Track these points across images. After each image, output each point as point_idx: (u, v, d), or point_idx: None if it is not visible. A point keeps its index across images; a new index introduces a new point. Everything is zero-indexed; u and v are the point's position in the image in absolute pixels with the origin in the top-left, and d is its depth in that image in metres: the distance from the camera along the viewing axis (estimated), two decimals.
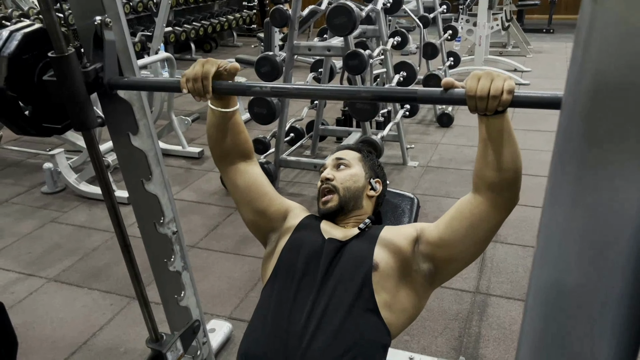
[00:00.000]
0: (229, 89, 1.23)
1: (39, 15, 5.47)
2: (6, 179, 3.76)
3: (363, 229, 1.32)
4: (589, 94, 0.47)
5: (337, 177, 1.40)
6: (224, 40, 8.70)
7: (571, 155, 0.48)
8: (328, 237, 1.31)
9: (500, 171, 1.10)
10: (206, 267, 2.64)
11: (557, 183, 0.51)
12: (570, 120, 0.49)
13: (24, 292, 2.48)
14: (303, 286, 1.23)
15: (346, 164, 1.44)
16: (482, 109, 1.02)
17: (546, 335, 0.52)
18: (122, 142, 1.49)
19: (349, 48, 2.90)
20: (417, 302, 1.27)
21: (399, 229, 1.34)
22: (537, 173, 3.41)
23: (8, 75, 1.28)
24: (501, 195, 1.13)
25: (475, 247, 1.21)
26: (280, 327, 1.18)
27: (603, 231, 0.48)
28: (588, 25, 0.48)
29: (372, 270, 1.22)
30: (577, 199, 0.49)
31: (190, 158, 4.05)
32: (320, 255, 1.26)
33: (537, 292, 0.53)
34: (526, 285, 2.03)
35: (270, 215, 1.40)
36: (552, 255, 0.52)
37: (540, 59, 6.80)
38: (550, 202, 0.52)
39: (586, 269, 0.49)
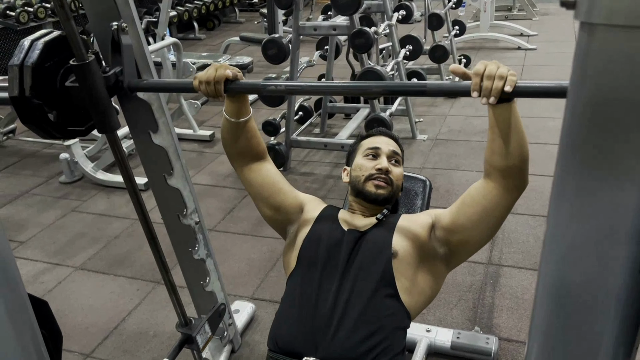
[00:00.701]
0: (244, 88, 1.28)
1: (41, 3, 5.47)
2: (24, 170, 3.85)
3: (381, 219, 1.38)
4: (589, 107, 0.53)
5: (393, 172, 1.43)
6: (227, 17, 8.65)
7: (575, 160, 0.54)
8: (348, 229, 1.37)
9: (509, 158, 1.15)
10: (226, 250, 2.73)
11: (562, 186, 0.56)
12: (572, 129, 0.54)
13: (53, 281, 2.59)
14: (326, 275, 1.30)
15: (399, 161, 1.48)
16: (487, 89, 1.03)
17: (555, 328, 0.58)
18: (143, 140, 1.55)
19: (354, 27, 2.91)
20: (434, 285, 1.34)
21: (415, 217, 1.40)
22: (546, 141, 3.45)
23: (33, 84, 1.34)
24: (511, 180, 1.18)
25: (489, 230, 1.28)
26: (308, 313, 1.26)
27: (606, 230, 0.54)
28: (584, 52, 0.53)
29: (392, 258, 1.29)
30: (581, 201, 0.54)
31: (202, 141, 4.11)
32: (340, 245, 1.33)
33: (545, 288, 0.60)
34: (537, 255, 2.12)
35: (286, 209, 1.46)
36: (558, 253, 0.58)
37: (547, 22, 6.72)
38: (556, 204, 0.58)
39: (590, 266, 0.55)
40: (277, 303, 2.33)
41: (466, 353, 1.92)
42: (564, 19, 6.76)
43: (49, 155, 4.06)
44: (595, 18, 0.48)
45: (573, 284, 0.56)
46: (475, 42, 6.07)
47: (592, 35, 0.50)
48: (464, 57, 5.14)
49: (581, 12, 0.50)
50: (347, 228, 1.38)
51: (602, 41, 0.50)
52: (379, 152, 1.45)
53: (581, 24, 0.51)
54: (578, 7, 0.50)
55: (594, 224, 0.55)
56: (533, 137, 3.36)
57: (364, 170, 1.43)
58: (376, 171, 1.41)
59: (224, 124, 1.39)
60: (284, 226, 1.49)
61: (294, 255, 1.40)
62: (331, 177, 3.45)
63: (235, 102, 1.34)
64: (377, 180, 1.40)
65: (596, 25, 0.49)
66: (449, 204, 3.06)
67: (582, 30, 0.51)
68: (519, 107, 1.14)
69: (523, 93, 1.06)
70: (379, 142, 1.48)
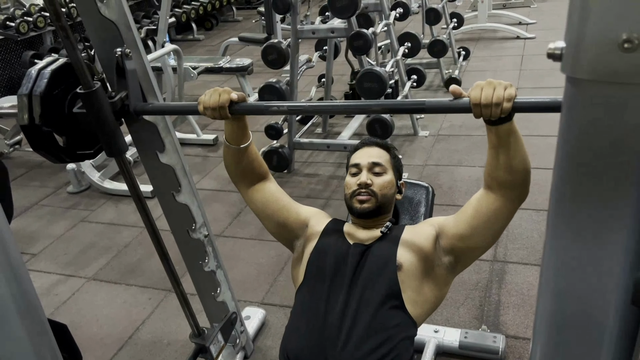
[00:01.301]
0: (247, 110, 1.31)
1: (40, 12, 5.49)
2: (33, 181, 3.90)
3: (385, 232, 1.42)
4: (576, 153, 0.56)
5: (375, 183, 1.45)
6: (224, 16, 8.65)
7: (566, 202, 0.57)
8: (353, 242, 1.42)
9: (511, 172, 1.18)
10: (234, 255, 2.78)
11: (556, 221, 0.59)
12: (562, 172, 0.57)
13: (66, 293, 2.64)
14: (334, 288, 1.34)
15: (382, 169, 1.48)
16: (486, 116, 1.09)
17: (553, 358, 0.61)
18: (151, 160, 1.58)
19: (352, 29, 2.93)
20: (439, 293, 1.38)
21: (418, 229, 1.44)
22: (547, 133, 3.46)
23: (42, 112, 1.37)
24: (514, 192, 1.22)
25: (493, 237, 1.33)
26: (317, 325, 1.30)
27: (598, 266, 0.57)
28: (570, 102, 0.56)
29: (397, 270, 1.33)
30: (573, 241, 0.58)
31: (206, 145, 4.15)
32: (347, 258, 1.37)
33: (543, 320, 0.63)
34: (541, 250, 2.14)
35: (291, 225, 1.51)
36: (555, 286, 0.61)
37: (546, 9, 6.69)
38: (550, 243, 0.61)
39: (584, 298, 0.59)
40: (287, 307, 2.38)
41: (474, 352, 1.96)
42: (562, 5, 6.71)
43: (56, 165, 4.10)
44: (579, 73, 0.52)
45: (569, 316, 0.59)
46: (474, 33, 6.06)
47: (576, 88, 0.53)
48: (463, 50, 5.15)
49: (566, 67, 0.53)
50: (353, 242, 1.42)
51: (585, 94, 0.53)
52: (359, 167, 1.48)
53: (567, 77, 0.54)
54: (563, 62, 0.53)
55: (587, 259, 0.58)
56: (534, 129, 3.37)
57: (349, 187, 1.48)
58: (357, 186, 1.45)
59: (226, 150, 1.45)
60: (290, 240, 1.54)
61: (301, 269, 1.44)
62: (335, 178, 3.48)
63: (235, 130, 1.38)
64: (360, 196, 1.44)
65: (580, 80, 0.52)
66: (452, 201, 3.10)
67: (568, 83, 0.54)
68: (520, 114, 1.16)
69: (519, 109, 1.10)
70: (360, 156, 1.51)
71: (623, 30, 0.47)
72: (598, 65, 0.50)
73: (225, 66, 4.58)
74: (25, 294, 1.05)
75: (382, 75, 2.87)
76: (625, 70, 0.48)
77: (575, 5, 0.50)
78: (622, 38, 0.47)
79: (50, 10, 1.22)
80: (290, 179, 3.52)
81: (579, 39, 0.51)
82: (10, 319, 0.99)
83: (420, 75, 4.00)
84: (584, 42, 0.50)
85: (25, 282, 1.05)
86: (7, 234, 0.99)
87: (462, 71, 4.95)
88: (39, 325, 1.09)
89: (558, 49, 0.54)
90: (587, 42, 0.50)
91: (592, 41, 0.49)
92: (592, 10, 0.49)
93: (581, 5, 0.50)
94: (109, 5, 1.36)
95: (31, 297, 1.07)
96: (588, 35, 0.50)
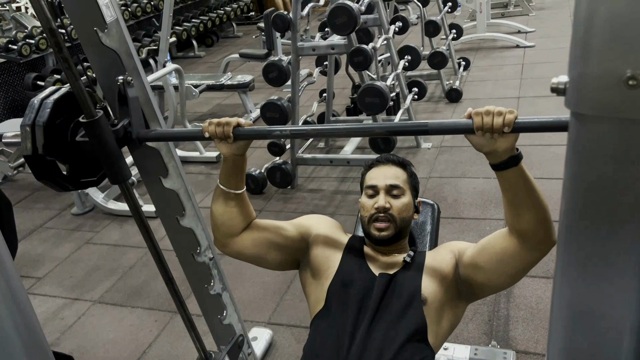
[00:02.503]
0: (250, 134, 1.31)
1: (42, 34, 5.54)
2: (37, 203, 3.91)
3: (408, 261, 1.38)
4: (582, 188, 0.55)
5: (394, 207, 1.39)
6: (224, 32, 8.71)
7: (575, 237, 0.56)
8: (379, 273, 1.37)
9: (522, 220, 1.14)
10: (239, 275, 2.76)
11: (566, 261, 0.59)
12: (570, 206, 0.57)
13: (72, 316, 2.64)
14: (358, 322, 1.30)
15: (400, 192, 1.41)
16: (488, 126, 1.06)
17: None
18: (154, 185, 1.58)
19: (352, 45, 2.94)
20: (455, 321, 1.37)
21: (440, 257, 1.39)
22: (550, 142, 3.46)
23: (45, 142, 1.38)
24: (528, 241, 1.16)
25: (506, 279, 1.28)
26: (339, 358, 1.26)
27: (611, 301, 0.56)
28: (575, 136, 0.56)
29: (422, 305, 1.29)
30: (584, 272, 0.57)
31: (209, 163, 4.16)
32: (371, 289, 1.33)
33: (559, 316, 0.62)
34: (548, 262, 2.11)
35: (294, 244, 1.47)
36: (564, 325, 0.60)
37: (544, 17, 6.71)
38: (561, 280, 0.60)
39: (597, 335, 0.58)
40: (294, 327, 2.36)
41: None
42: (561, 12, 6.76)
43: None
44: (582, 109, 0.51)
45: (582, 352, 0.58)
46: (473, 43, 6.08)
47: (580, 123, 0.53)
48: (463, 60, 5.16)
49: (570, 102, 0.52)
50: (378, 272, 1.37)
51: (590, 128, 0.52)
52: (376, 189, 1.42)
53: (571, 112, 0.53)
54: (567, 96, 0.53)
55: (599, 296, 0.57)
56: (538, 139, 3.37)
57: (366, 210, 1.42)
58: (375, 210, 1.39)
59: (219, 198, 1.41)
60: (295, 260, 1.51)
61: (320, 295, 1.39)
62: (338, 193, 3.48)
63: (235, 167, 1.37)
64: (378, 222, 1.38)
65: (584, 115, 0.51)
66: (457, 214, 3.08)
67: (573, 117, 0.54)
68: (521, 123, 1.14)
69: (523, 128, 1.09)
70: (376, 176, 1.44)
71: (627, 67, 0.47)
72: (602, 101, 0.50)
73: (226, 83, 4.61)
74: (30, 329, 1.04)
75: (383, 89, 2.88)
76: (630, 106, 0.48)
77: (578, 40, 0.50)
78: (627, 75, 0.47)
79: (51, 42, 1.23)
80: (294, 195, 3.51)
81: (582, 75, 0.51)
82: (16, 355, 0.99)
83: (421, 88, 4.01)
84: (588, 78, 0.50)
85: (30, 316, 1.05)
86: (12, 270, 0.99)
87: (463, 82, 4.96)
88: None
89: (562, 83, 0.53)
90: (590, 78, 0.50)
91: (595, 77, 0.49)
92: (595, 47, 0.49)
93: (584, 41, 0.49)
94: (110, 34, 1.36)
95: (36, 332, 1.07)
96: (591, 71, 0.50)
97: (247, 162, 1.42)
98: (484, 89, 4.82)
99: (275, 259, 1.49)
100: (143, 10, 6.74)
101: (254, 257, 1.49)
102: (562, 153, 0.57)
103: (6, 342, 0.93)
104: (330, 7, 2.80)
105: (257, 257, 1.49)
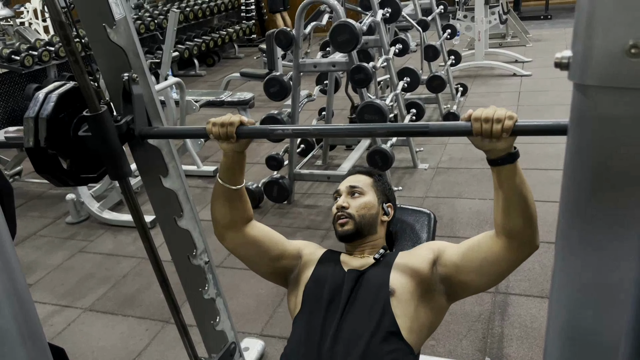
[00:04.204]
0: (253, 133, 1.32)
1: (45, 47, 5.59)
2: (31, 212, 3.89)
3: (378, 258, 1.42)
4: (587, 163, 0.56)
5: (352, 205, 1.48)
6: (226, 53, 8.81)
7: (577, 214, 0.57)
8: (348, 269, 1.41)
9: (512, 217, 1.17)
10: (233, 286, 2.74)
11: (566, 239, 0.59)
12: (573, 183, 0.57)
13: (62, 323, 2.60)
14: (329, 316, 1.32)
15: (360, 192, 1.51)
16: (487, 132, 1.09)
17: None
18: (154, 184, 1.59)
19: (353, 63, 2.98)
20: (434, 319, 1.37)
21: (415, 252, 1.43)
22: (547, 167, 3.49)
23: (47, 136, 1.38)
24: (514, 239, 1.20)
25: (488, 280, 1.31)
26: (312, 354, 1.27)
27: (611, 281, 0.57)
28: (579, 110, 0.57)
29: (390, 296, 1.31)
30: (585, 254, 0.57)
31: (206, 177, 4.16)
32: (342, 286, 1.36)
33: (554, 336, 0.62)
34: (543, 282, 2.15)
35: (288, 257, 1.51)
36: (565, 301, 0.61)
37: (541, 48, 6.84)
38: (561, 256, 0.61)
39: (597, 315, 0.58)
40: (286, 339, 2.33)
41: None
42: (557, 44, 6.89)
43: (55, 196, 4.10)
44: (587, 80, 0.53)
45: (581, 332, 0.59)
46: (471, 70, 6.17)
47: (585, 95, 0.54)
48: (461, 86, 5.23)
49: (574, 74, 0.54)
50: (347, 269, 1.41)
51: (594, 101, 0.54)
52: (339, 192, 1.54)
53: (575, 84, 0.55)
54: (571, 69, 0.54)
55: (600, 275, 0.58)
56: (534, 163, 3.40)
57: (332, 213, 1.53)
58: (336, 210, 1.50)
59: (219, 192, 1.44)
60: (285, 275, 1.52)
61: (298, 298, 1.42)
62: None
63: (234, 164, 1.38)
64: (339, 220, 1.48)
65: (588, 87, 0.53)
66: (453, 233, 3.09)
67: (576, 90, 0.55)
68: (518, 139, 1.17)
69: (523, 132, 1.11)
70: (341, 184, 1.57)
71: (630, 36, 0.49)
72: (605, 71, 0.51)
73: (226, 100, 4.64)
74: (28, 318, 1.03)
75: (383, 107, 2.91)
76: (633, 75, 0.49)
77: (582, 13, 0.51)
78: (629, 44, 0.49)
79: (60, 35, 1.25)
80: (290, 210, 3.51)
81: (586, 47, 0.52)
82: (13, 343, 0.97)
83: (419, 109, 4.05)
84: (591, 49, 0.52)
85: (29, 305, 1.03)
86: (13, 257, 0.98)
87: (460, 107, 5.01)
88: (40, 351, 1.07)
89: (565, 57, 0.55)
90: (594, 49, 0.51)
91: (599, 48, 0.51)
92: (598, 18, 0.50)
93: (587, 14, 0.51)
94: (118, 31, 1.39)
95: (34, 321, 1.05)
96: (595, 43, 0.51)
97: (246, 158, 1.43)
98: None
99: (266, 268, 1.53)
100: (147, 27, 6.83)
101: (249, 257, 1.53)
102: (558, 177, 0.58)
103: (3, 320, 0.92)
104: (333, 24, 2.85)
105: (252, 259, 1.53)
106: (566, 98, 2.98)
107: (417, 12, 4.51)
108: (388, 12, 3.52)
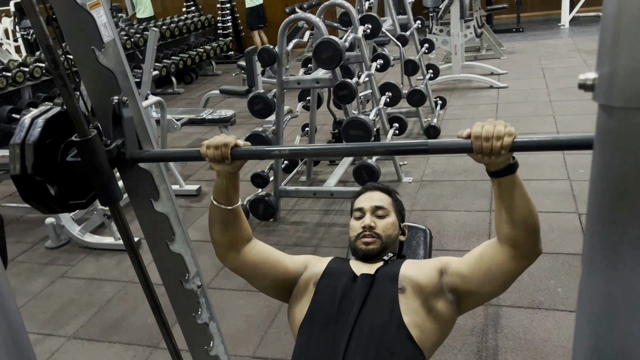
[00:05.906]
0: (248, 154, 1.30)
1: (20, 67, 5.49)
2: (9, 237, 3.70)
3: (387, 260, 1.45)
4: (612, 183, 0.56)
5: (378, 225, 1.49)
6: (204, 70, 8.78)
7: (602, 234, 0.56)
8: (360, 273, 1.41)
9: (515, 227, 1.19)
10: (222, 308, 2.69)
11: (592, 251, 0.58)
12: (598, 202, 0.57)
13: (45, 353, 2.51)
14: (341, 322, 1.31)
15: (385, 213, 1.53)
16: (487, 150, 1.09)
17: None
18: (145, 209, 1.55)
19: (337, 79, 2.99)
20: (444, 326, 1.37)
21: (423, 260, 1.47)
22: (529, 177, 3.53)
23: (34, 162, 1.34)
24: (518, 249, 1.21)
25: (494, 288, 1.31)
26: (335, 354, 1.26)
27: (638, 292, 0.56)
28: (605, 131, 0.57)
29: (399, 293, 1.32)
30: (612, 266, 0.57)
31: (189, 196, 4.10)
32: (353, 289, 1.36)
33: (581, 353, 0.61)
34: (533, 293, 2.17)
35: (291, 272, 1.50)
36: (592, 321, 0.60)
37: (515, 60, 6.98)
38: (586, 278, 0.60)
39: (623, 336, 0.57)
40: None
41: None
42: (530, 56, 7.04)
43: (33, 220, 3.99)
44: (613, 101, 0.52)
45: (608, 353, 0.58)
46: (449, 83, 6.26)
47: (610, 116, 0.54)
48: (440, 99, 5.29)
49: (599, 95, 0.54)
50: (360, 273, 1.41)
51: (620, 122, 0.53)
52: (363, 211, 1.53)
53: (600, 105, 0.54)
54: (596, 90, 0.54)
55: (628, 290, 0.57)
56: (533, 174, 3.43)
57: (354, 230, 1.52)
58: (362, 229, 1.49)
59: (215, 214, 1.43)
60: (289, 289, 1.51)
61: (304, 305, 1.41)
62: (322, 225, 3.46)
63: (229, 185, 1.37)
64: (365, 238, 1.48)
65: (614, 108, 0.53)
66: (442, 246, 3.09)
67: (602, 111, 0.55)
68: None
69: (522, 148, 1.11)
70: (363, 200, 1.56)
71: None
72: (632, 92, 0.51)
73: (207, 117, 4.60)
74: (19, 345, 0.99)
75: (367, 123, 2.92)
76: None
77: (607, 34, 0.51)
78: None
79: (48, 59, 1.22)
80: (276, 227, 3.48)
81: (612, 68, 0.52)
82: None
83: (402, 124, 4.08)
84: (618, 71, 0.51)
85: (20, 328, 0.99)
86: (6, 287, 0.94)
87: (440, 119, 5.07)
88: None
89: (590, 79, 0.55)
90: (619, 70, 0.51)
91: (625, 69, 0.51)
92: (624, 39, 0.50)
93: (613, 34, 0.51)
94: (107, 54, 1.36)
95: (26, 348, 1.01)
96: (621, 63, 0.51)
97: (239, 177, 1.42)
98: (461, 126, 4.89)
99: (268, 286, 1.52)
100: (123, 46, 6.76)
101: (251, 276, 1.52)
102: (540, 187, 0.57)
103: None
104: (317, 41, 2.86)
105: (254, 278, 1.52)
106: (543, 109, 3.08)
107: (395, 27, 4.56)
108: (368, 28, 3.55)
